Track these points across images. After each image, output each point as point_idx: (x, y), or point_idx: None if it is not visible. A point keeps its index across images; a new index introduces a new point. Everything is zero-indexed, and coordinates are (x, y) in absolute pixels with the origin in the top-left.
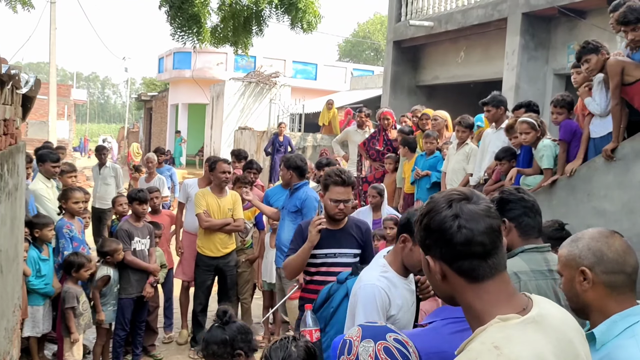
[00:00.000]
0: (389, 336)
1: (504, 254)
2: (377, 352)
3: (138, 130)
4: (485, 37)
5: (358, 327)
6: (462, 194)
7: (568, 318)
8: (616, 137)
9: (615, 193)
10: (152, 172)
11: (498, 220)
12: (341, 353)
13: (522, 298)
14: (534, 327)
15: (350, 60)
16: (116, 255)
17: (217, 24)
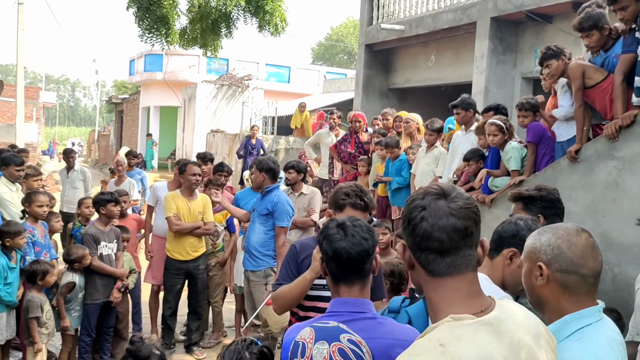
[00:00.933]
0: (343, 337)
1: (467, 255)
2: (331, 354)
3: (109, 134)
4: (455, 41)
5: (310, 328)
6: (440, 189)
7: (533, 324)
8: (580, 139)
9: (579, 194)
10: (122, 175)
11: (467, 221)
12: (294, 355)
13: (484, 300)
14: (487, 329)
15: (324, 64)
16: (83, 261)
17: (186, 25)
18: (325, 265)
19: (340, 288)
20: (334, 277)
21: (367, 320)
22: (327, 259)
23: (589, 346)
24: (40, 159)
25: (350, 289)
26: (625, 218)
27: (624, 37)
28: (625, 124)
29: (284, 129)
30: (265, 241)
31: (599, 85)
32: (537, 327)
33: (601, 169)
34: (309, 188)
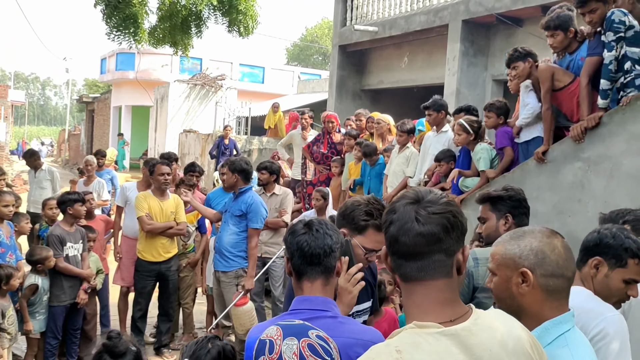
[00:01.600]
0: (312, 333)
1: (437, 261)
2: (301, 350)
3: (79, 133)
4: (428, 43)
5: (276, 326)
6: (415, 195)
7: (514, 340)
8: (547, 140)
9: (546, 194)
10: (91, 175)
11: (434, 227)
12: (260, 353)
13: (456, 309)
14: (451, 341)
15: (298, 64)
16: (47, 263)
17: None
18: (289, 262)
19: (303, 284)
20: (297, 273)
21: (328, 319)
22: (291, 254)
23: (578, 353)
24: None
25: (313, 285)
26: (590, 218)
27: (589, 40)
28: (591, 126)
29: (258, 129)
30: (238, 242)
31: (567, 88)
32: (519, 344)
33: (567, 170)
34: (281, 189)
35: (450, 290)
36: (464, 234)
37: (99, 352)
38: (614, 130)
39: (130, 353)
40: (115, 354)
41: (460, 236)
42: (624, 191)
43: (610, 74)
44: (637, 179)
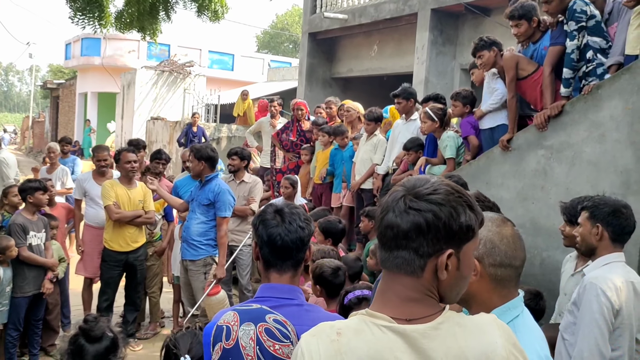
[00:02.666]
0: (269, 317)
1: (402, 259)
2: (258, 335)
3: (44, 120)
4: (398, 32)
5: (234, 311)
6: (412, 184)
7: (477, 352)
8: (512, 128)
9: (510, 182)
10: (55, 162)
11: (405, 223)
12: (217, 339)
13: (419, 310)
14: (396, 338)
15: (269, 52)
16: (8, 252)
17: (123, 8)
18: (258, 249)
19: (271, 274)
20: (265, 262)
21: (294, 307)
22: (261, 244)
23: (527, 340)
24: None
25: (281, 276)
26: (552, 204)
27: (551, 30)
28: (554, 114)
29: (228, 117)
30: (206, 231)
31: (531, 77)
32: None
33: (531, 157)
34: (251, 177)
35: (416, 290)
36: (451, 237)
37: (75, 335)
38: (576, 118)
39: (107, 338)
40: (91, 338)
41: (441, 240)
42: (584, 178)
43: (573, 62)
44: (597, 166)
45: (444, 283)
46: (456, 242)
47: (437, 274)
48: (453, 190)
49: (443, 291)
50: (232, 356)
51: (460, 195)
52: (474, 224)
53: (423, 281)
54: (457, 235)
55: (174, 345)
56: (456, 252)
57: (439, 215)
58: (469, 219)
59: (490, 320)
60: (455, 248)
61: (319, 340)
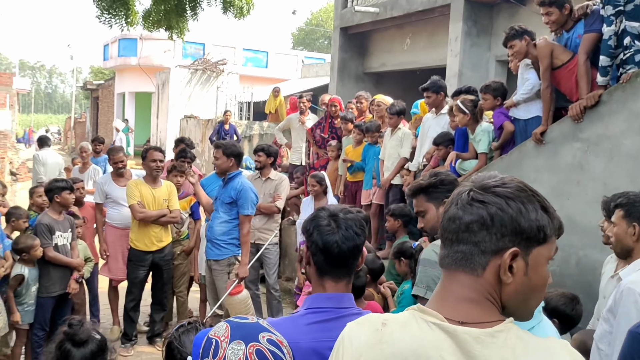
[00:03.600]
0: (262, 337)
1: (462, 254)
2: (248, 357)
3: (85, 120)
4: (430, 24)
5: (226, 324)
6: (479, 180)
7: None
8: (545, 120)
9: (544, 176)
10: (87, 162)
11: (468, 215)
12: (205, 354)
13: (476, 313)
14: (447, 337)
15: (304, 49)
16: (32, 252)
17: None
18: (310, 255)
19: (326, 282)
20: (319, 269)
21: (354, 315)
22: (316, 250)
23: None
24: (14, 147)
25: (337, 284)
26: (589, 201)
27: (584, 18)
28: (590, 105)
29: (261, 114)
30: (230, 230)
31: (566, 66)
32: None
33: (566, 151)
34: (277, 174)
35: (475, 290)
36: (518, 235)
37: (61, 341)
38: (614, 108)
39: (93, 341)
40: (77, 342)
41: (506, 236)
42: (624, 172)
43: (610, 49)
44: (637, 159)
45: (508, 289)
46: (524, 242)
47: (500, 276)
48: (525, 188)
49: (506, 299)
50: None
51: (533, 194)
52: (546, 225)
53: (483, 281)
54: (525, 234)
55: (178, 343)
56: (524, 254)
57: (505, 209)
58: (540, 219)
59: (562, 346)
60: (523, 249)
61: (362, 328)
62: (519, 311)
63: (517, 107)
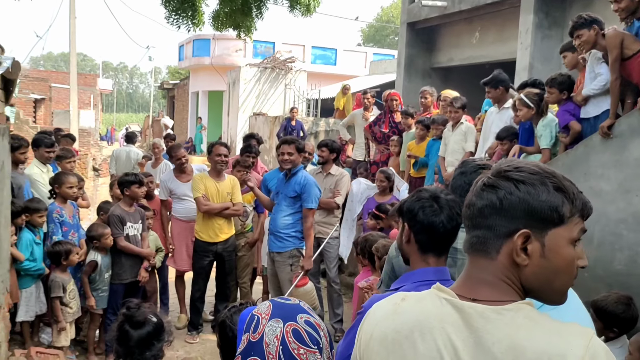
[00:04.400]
0: (300, 317)
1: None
2: (284, 335)
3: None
4: (500, 17)
5: (269, 303)
6: (499, 164)
7: (540, 353)
8: (613, 113)
9: (611, 172)
10: (159, 157)
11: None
12: (247, 329)
13: (488, 292)
14: (452, 310)
15: (374, 45)
16: (103, 239)
17: (219, 7)
18: (413, 234)
19: (429, 258)
20: (422, 246)
21: None
22: (420, 229)
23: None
24: (98, 144)
25: (439, 260)
26: None
27: None
28: None
29: (329, 111)
30: (292, 223)
31: (636, 56)
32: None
33: (635, 145)
34: (338, 169)
35: (490, 272)
36: (531, 217)
37: (121, 322)
38: None
39: (150, 323)
40: (134, 324)
41: (517, 219)
42: None
43: None
44: None
45: (526, 271)
46: (538, 223)
47: (514, 258)
48: (540, 170)
49: (526, 281)
50: (255, 351)
51: (547, 175)
52: (560, 205)
53: (498, 264)
54: (537, 216)
55: (230, 322)
56: (538, 235)
57: (514, 192)
58: (553, 199)
59: (581, 332)
60: (537, 231)
61: (385, 302)
62: (545, 294)
63: (587, 105)
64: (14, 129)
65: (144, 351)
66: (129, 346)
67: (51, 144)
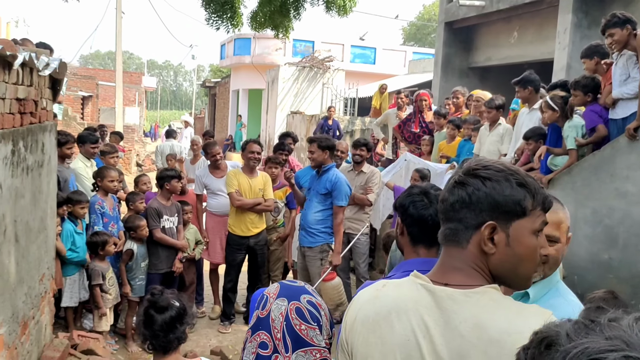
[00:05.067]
0: (303, 298)
1: (450, 230)
2: (288, 312)
3: (204, 116)
4: (539, 16)
5: (278, 284)
6: (469, 163)
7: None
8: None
9: (637, 174)
10: (197, 154)
11: (452, 196)
12: (257, 306)
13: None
14: (426, 294)
15: (415, 44)
16: (139, 230)
17: (257, 8)
18: (405, 227)
19: (420, 249)
20: (414, 238)
21: None
22: (411, 222)
23: (571, 300)
24: (142, 140)
25: (429, 251)
26: None
27: None
28: None
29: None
30: (323, 219)
31: None
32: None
33: None
34: (369, 167)
35: (461, 260)
36: (495, 210)
37: (146, 308)
38: None
39: (173, 308)
40: (159, 309)
41: (484, 212)
42: None
43: None
44: None
45: (493, 259)
46: (503, 216)
47: (482, 247)
48: (504, 168)
49: (493, 268)
50: (262, 325)
51: (510, 173)
52: (522, 199)
53: (468, 253)
54: (501, 209)
55: None
56: (503, 226)
57: (480, 188)
58: (516, 194)
59: (541, 312)
60: (502, 223)
61: (368, 288)
62: (511, 279)
63: (615, 107)
64: (63, 125)
65: (168, 334)
66: (153, 330)
67: (96, 140)
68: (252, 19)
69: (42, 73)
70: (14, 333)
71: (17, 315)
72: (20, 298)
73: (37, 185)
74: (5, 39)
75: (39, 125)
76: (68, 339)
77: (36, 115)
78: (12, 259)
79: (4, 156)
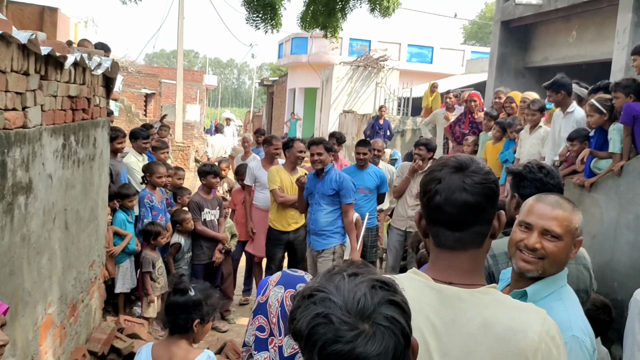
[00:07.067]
0: (299, 286)
1: (477, 233)
2: (284, 299)
3: (262, 114)
4: (599, 15)
5: (281, 272)
6: (458, 162)
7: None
8: None
9: None
10: (248, 151)
11: (480, 197)
12: (259, 292)
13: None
14: (430, 291)
15: (476, 43)
16: (185, 224)
17: (305, 8)
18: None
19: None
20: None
21: None
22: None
23: (571, 305)
24: (202, 137)
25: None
26: None
27: None
28: None
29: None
30: (334, 220)
31: None
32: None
33: None
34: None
35: (473, 261)
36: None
37: (169, 293)
38: None
39: (187, 295)
40: (177, 291)
41: (496, 204)
42: None
43: None
44: None
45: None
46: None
47: (494, 235)
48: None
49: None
50: (261, 310)
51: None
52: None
53: (480, 251)
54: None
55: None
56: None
57: (496, 183)
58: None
59: (537, 310)
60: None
61: None
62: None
63: None
64: (126, 122)
65: (171, 316)
66: (166, 310)
67: (147, 136)
68: (302, 19)
69: (95, 72)
70: (62, 313)
71: (65, 297)
72: (69, 282)
73: (88, 177)
74: (58, 41)
75: (90, 121)
76: (115, 322)
77: (89, 111)
78: (61, 245)
79: (55, 149)
